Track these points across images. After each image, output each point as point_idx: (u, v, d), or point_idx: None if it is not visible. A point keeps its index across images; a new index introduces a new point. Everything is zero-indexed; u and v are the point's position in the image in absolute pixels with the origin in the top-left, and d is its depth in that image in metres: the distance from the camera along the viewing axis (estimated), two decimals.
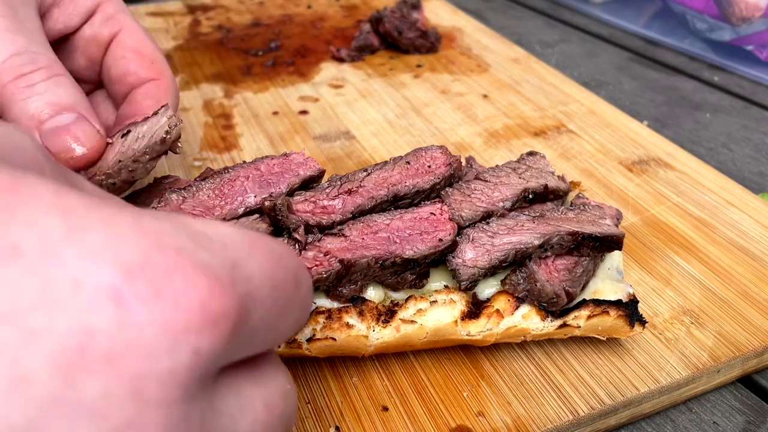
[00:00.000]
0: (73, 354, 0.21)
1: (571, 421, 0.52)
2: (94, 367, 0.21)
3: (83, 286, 0.21)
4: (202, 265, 0.24)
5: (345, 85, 1.06)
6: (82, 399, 0.21)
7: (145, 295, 0.22)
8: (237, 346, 0.26)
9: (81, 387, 0.21)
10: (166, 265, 0.23)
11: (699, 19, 1.23)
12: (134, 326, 0.22)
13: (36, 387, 0.20)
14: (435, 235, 0.54)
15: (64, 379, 0.21)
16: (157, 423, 0.22)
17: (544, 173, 0.63)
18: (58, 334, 0.21)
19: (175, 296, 0.23)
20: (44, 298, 0.21)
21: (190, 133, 0.92)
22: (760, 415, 0.56)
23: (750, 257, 0.69)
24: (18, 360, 0.20)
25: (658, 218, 0.75)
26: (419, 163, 0.61)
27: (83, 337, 0.21)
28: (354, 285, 0.52)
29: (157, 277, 0.23)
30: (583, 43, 1.33)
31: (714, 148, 0.97)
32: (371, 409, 0.53)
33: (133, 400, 0.22)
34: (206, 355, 0.24)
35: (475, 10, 1.47)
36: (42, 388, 0.20)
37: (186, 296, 0.23)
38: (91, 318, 0.21)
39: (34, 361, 0.20)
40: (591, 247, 0.55)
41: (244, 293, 0.25)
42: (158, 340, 0.22)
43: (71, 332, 0.21)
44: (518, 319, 0.54)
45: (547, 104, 1.00)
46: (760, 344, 0.59)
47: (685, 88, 1.14)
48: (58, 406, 0.21)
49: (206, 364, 0.24)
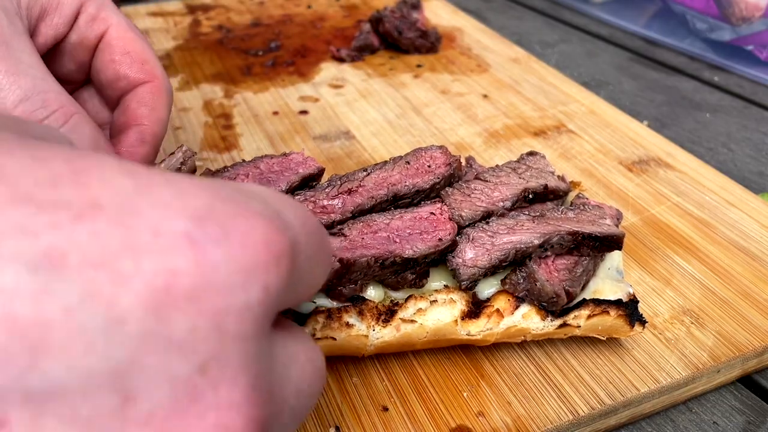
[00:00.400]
0: (160, 293, 0.23)
1: (571, 421, 0.52)
2: (180, 304, 0.23)
3: (161, 232, 0.23)
4: (257, 211, 0.26)
5: (345, 85, 1.05)
6: (172, 334, 0.23)
7: (215, 237, 0.24)
8: (292, 287, 0.28)
9: (170, 323, 0.23)
10: (228, 211, 0.25)
11: (699, 19, 1.23)
12: (210, 265, 0.24)
13: (130, 325, 0.22)
14: (435, 234, 0.54)
15: (155, 316, 0.22)
16: (238, 356, 0.24)
17: (544, 173, 0.63)
18: (145, 275, 0.22)
19: (242, 237, 0.25)
20: (129, 245, 0.23)
21: (190, 133, 0.92)
22: (760, 415, 0.56)
23: (750, 257, 0.69)
24: (113, 301, 0.22)
25: (658, 218, 0.75)
26: (419, 163, 0.61)
27: (168, 277, 0.23)
28: (354, 284, 0.52)
29: (223, 221, 0.25)
30: (583, 43, 1.33)
31: (714, 148, 0.97)
32: (371, 409, 0.53)
33: (217, 334, 0.24)
34: (274, 291, 0.26)
35: (475, 10, 1.47)
36: (136, 325, 0.22)
37: (251, 236, 0.25)
38: (173, 259, 0.23)
39: (127, 301, 0.22)
40: (591, 246, 0.55)
41: (291, 236, 0.27)
42: (233, 277, 0.24)
43: (157, 273, 0.23)
44: (518, 319, 0.54)
45: (547, 104, 1.00)
46: (760, 344, 0.59)
47: (685, 88, 1.14)
48: (152, 341, 0.22)
49: (273, 301, 0.26)
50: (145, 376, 0.22)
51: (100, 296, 0.22)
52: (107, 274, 0.22)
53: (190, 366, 0.23)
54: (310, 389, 0.31)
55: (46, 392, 0.21)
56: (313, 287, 0.32)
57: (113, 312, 0.22)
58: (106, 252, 0.22)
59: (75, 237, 0.22)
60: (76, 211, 0.22)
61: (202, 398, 0.23)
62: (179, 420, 0.23)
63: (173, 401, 0.23)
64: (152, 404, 0.22)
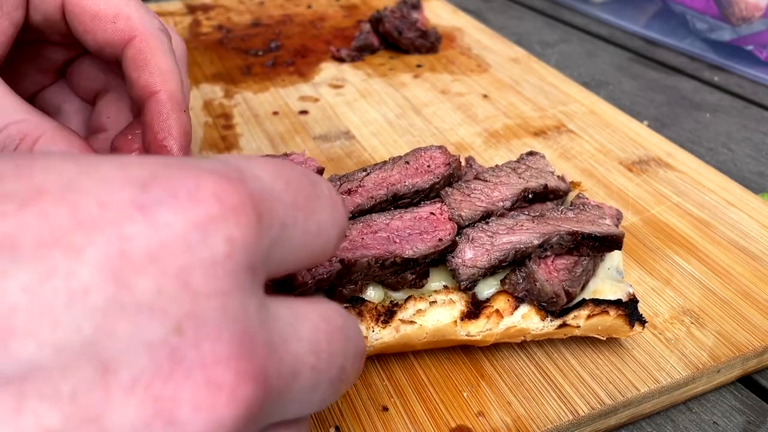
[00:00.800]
0: (117, 259, 0.23)
1: (571, 421, 0.52)
2: (139, 267, 0.23)
3: (107, 203, 0.24)
4: (206, 169, 0.26)
5: (345, 85, 1.06)
6: (138, 299, 0.23)
7: (162, 199, 0.24)
8: (276, 240, 0.28)
9: (134, 288, 0.23)
10: (172, 174, 0.25)
11: (699, 19, 1.23)
12: (162, 225, 0.24)
13: (94, 295, 0.22)
14: (435, 234, 0.54)
15: (117, 283, 0.23)
16: (216, 313, 0.24)
17: (544, 173, 0.63)
18: (98, 245, 0.23)
19: (189, 194, 0.25)
20: (77, 221, 0.23)
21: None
22: (760, 415, 0.56)
23: (750, 257, 0.69)
24: (71, 274, 0.22)
25: (658, 218, 0.75)
26: (418, 163, 0.61)
27: (121, 243, 0.23)
28: (354, 285, 0.52)
29: (168, 183, 0.25)
30: (583, 43, 1.33)
31: (714, 148, 0.97)
32: (371, 409, 0.53)
33: (185, 293, 0.24)
34: (241, 243, 0.25)
35: (475, 10, 1.47)
36: (99, 295, 0.22)
37: (200, 192, 0.25)
38: (123, 226, 0.23)
39: (86, 273, 0.22)
40: (591, 246, 0.55)
41: (257, 188, 0.27)
42: (189, 234, 0.24)
43: (110, 242, 0.23)
44: (518, 319, 0.54)
45: (547, 104, 1.00)
46: (760, 344, 0.59)
47: (685, 88, 1.14)
48: (119, 309, 0.22)
49: (245, 254, 0.26)
50: (120, 344, 0.22)
51: (57, 272, 0.22)
52: (61, 250, 0.22)
53: (163, 328, 0.23)
54: (331, 347, 0.30)
55: (23, 374, 0.21)
56: (318, 237, 0.31)
57: (73, 285, 0.22)
58: (56, 230, 0.23)
59: (23, 221, 0.22)
60: (21, 200, 0.23)
61: (185, 358, 0.23)
62: (166, 383, 0.23)
63: (155, 366, 0.23)
64: (134, 372, 0.22)
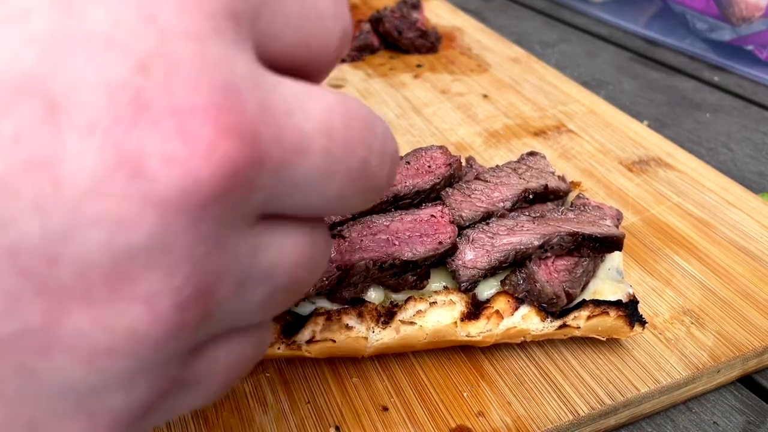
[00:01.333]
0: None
1: (571, 421, 0.52)
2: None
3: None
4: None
5: (345, 85, 1.05)
6: (90, 29, 0.20)
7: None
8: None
9: (83, 15, 0.21)
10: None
11: (699, 19, 1.23)
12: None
13: (34, 19, 0.20)
14: (435, 237, 0.54)
15: (62, 7, 0.20)
16: (191, 57, 0.21)
17: (544, 173, 0.63)
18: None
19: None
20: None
21: None
22: (760, 415, 0.56)
23: (750, 257, 0.69)
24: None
25: (658, 218, 0.75)
26: (419, 163, 0.61)
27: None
28: (354, 287, 0.52)
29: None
30: (583, 43, 1.33)
31: (714, 148, 0.97)
32: (371, 409, 0.53)
33: (151, 27, 0.21)
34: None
35: (475, 10, 1.47)
36: (41, 19, 0.20)
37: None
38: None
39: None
40: (591, 247, 0.55)
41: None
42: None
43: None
44: (518, 320, 0.54)
45: (547, 104, 1.00)
46: (760, 344, 0.59)
47: (685, 88, 1.14)
48: (66, 38, 0.20)
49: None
50: (70, 80, 0.20)
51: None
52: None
53: (124, 66, 0.20)
54: (348, 133, 0.26)
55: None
56: (318, 21, 0.27)
57: (10, 5, 0.20)
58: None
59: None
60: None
61: (152, 103, 0.21)
62: (129, 130, 0.20)
63: (116, 109, 0.20)
64: (90, 114, 0.20)
